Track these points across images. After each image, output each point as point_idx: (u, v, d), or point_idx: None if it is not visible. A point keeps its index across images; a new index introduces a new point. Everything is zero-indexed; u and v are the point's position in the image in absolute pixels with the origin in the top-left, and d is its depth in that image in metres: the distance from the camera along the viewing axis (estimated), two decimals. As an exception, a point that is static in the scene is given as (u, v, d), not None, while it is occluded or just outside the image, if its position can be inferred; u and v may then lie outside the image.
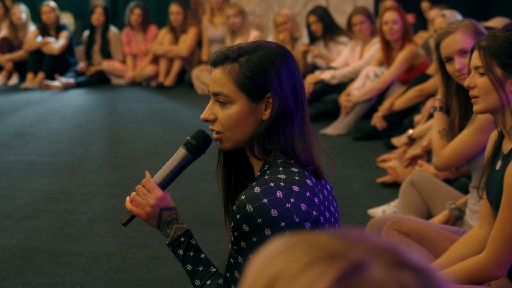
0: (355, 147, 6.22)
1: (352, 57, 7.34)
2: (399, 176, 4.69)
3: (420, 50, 6.53)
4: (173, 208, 2.04)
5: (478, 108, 2.59)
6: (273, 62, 1.84)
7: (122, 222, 2.11)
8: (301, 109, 1.88)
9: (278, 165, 1.85)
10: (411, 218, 3.15)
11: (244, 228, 1.76)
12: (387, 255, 0.75)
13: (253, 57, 1.85)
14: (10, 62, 10.42)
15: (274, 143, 1.86)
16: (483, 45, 2.55)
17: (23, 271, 3.73)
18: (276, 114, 1.85)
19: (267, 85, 1.84)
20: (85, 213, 4.63)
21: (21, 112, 8.33)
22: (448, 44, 3.38)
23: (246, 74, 1.85)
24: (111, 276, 3.64)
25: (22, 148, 6.56)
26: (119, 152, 6.41)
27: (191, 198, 4.81)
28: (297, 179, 1.82)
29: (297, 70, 1.89)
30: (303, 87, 1.90)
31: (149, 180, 2.05)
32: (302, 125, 1.89)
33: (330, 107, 7.27)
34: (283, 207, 1.75)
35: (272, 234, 1.74)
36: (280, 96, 1.84)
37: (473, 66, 2.58)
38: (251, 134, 1.89)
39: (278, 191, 1.76)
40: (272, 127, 1.86)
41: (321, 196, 1.87)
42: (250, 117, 1.87)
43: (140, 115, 8.03)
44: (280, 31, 8.41)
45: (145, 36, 10.08)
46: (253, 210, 1.74)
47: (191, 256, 1.98)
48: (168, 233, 2.02)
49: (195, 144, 2.01)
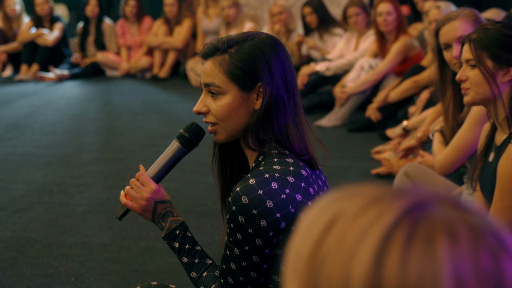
0: (349, 139, 6.23)
1: (347, 49, 7.34)
2: (393, 167, 4.70)
3: (415, 41, 6.53)
4: (168, 201, 2.04)
5: (468, 100, 2.59)
6: (263, 52, 1.85)
7: (117, 216, 2.10)
8: (293, 98, 1.88)
9: (273, 156, 1.84)
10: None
11: (240, 220, 1.76)
12: (446, 200, 0.75)
13: (243, 47, 1.86)
14: (4, 54, 10.39)
15: (268, 133, 1.86)
16: (473, 38, 2.56)
17: (17, 263, 3.73)
18: (268, 103, 1.85)
19: (258, 74, 1.84)
20: (79, 205, 4.63)
21: (15, 104, 8.32)
22: (448, 30, 3.41)
23: (236, 64, 1.85)
24: (105, 267, 3.64)
25: (16, 140, 6.55)
26: (114, 144, 6.40)
27: (185, 189, 4.81)
28: (292, 169, 1.81)
29: (288, 60, 1.89)
30: (294, 77, 1.90)
31: (143, 174, 2.05)
32: (295, 115, 1.89)
33: (324, 98, 7.26)
34: (278, 198, 1.75)
35: (268, 225, 1.74)
36: (271, 86, 1.84)
37: (464, 59, 2.59)
38: (244, 125, 1.89)
39: (273, 182, 1.76)
40: (264, 116, 1.86)
41: (315, 186, 1.87)
42: (242, 107, 1.87)
43: (134, 107, 8.02)
44: (275, 22, 8.40)
45: (140, 28, 10.06)
46: (248, 201, 1.74)
47: (187, 248, 1.98)
48: (163, 226, 2.02)
49: (188, 136, 2.01)
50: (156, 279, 3.43)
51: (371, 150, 5.63)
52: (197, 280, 1.97)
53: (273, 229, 1.76)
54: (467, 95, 2.59)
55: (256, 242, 1.77)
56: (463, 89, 2.59)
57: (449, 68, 3.42)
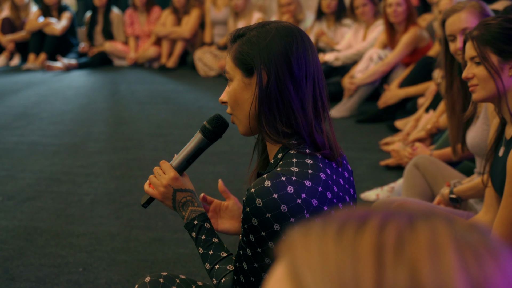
0: (358, 130, 6.21)
1: (355, 40, 7.31)
2: (402, 159, 4.68)
3: (424, 32, 6.50)
4: (189, 190, 2.04)
5: (477, 97, 2.57)
6: (265, 38, 1.82)
7: (141, 204, 2.13)
8: (306, 87, 1.82)
9: (292, 156, 1.80)
10: (415, 200, 3.14)
11: (253, 222, 1.73)
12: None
13: (250, 33, 1.85)
14: (12, 43, 10.39)
15: (277, 121, 1.82)
16: (475, 35, 2.54)
17: (25, 252, 3.72)
18: (267, 90, 1.81)
19: (254, 59, 1.82)
20: (87, 194, 4.62)
21: (23, 93, 8.32)
22: (453, 22, 3.40)
23: (238, 49, 1.85)
24: (113, 257, 3.63)
25: (24, 129, 6.55)
26: (122, 134, 6.39)
27: (193, 180, 4.75)
28: (310, 172, 1.77)
29: (301, 49, 1.83)
30: (310, 66, 1.83)
31: (165, 162, 2.07)
32: (311, 105, 1.83)
33: (333, 89, 7.23)
34: (294, 203, 1.71)
35: (281, 229, 1.72)
36: (268, 72, 1.80)
37: (468, 57, 2.57)
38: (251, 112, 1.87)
39: (289, 186, 1.72)
40: (265, 104, 1.82)
41: (335, 188, 1.83)
42: (246, 93, 1.85)
43: (142, 97, 8.01)
44: (283, 12, 8.38)
45: (149, 18, 10.04)
46: (263, 204, 1.71)
47: (203, 239, 1.98)
48: (183, 215, 2.03)
49: (211, 128, 2.02)
50: (164, 269, 3.43)
51: (379, 142, 5.61)
52: (210, 271, 1.96)
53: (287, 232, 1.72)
54: (475, 92, 2.57)
55: (269, 245, 1.75)
56: (470, 87, 2.57)
57: (457, 61, 3.40)
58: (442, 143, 4.17)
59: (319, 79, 1.85)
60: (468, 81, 2.57)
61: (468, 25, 3.32)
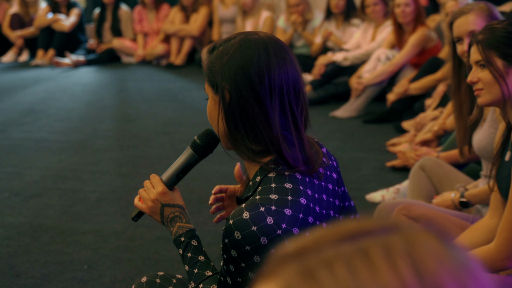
0: (365, 130, 6.20)
1: (364, 40, 7.30)
2: (408, 160, 4.67)
3: (432, 33, 6.49)
4: (177, 205, 2.00)
5: (482, 101, 2.57)
6: (227, 52, 1.75)
7: (131, 217, 2.11)
8: (271, 103, 1.74)
9: (271, 180, 1.75)
10: (420, 203, 3.14)
11: (233, 254, 1.70)
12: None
13: (218, 49, 1.79)
14: (20, 39, 10.42)
15: (244, 140, 1.76)
16: (480, 39, 2.53)
17: (30, 249, 3.73)
18: (229, 107, 1.75)
19: (216, 76, 1.76)
20: (93, 192, 4.63)
21: (31, 89, 8.33)
22: (460, 24, 3.40)
23: (207, 65, 1.80)
24: (118, 255, 3.64)
25: (31, 125, 6.56)
26: (128, 131, 6.40)
27: (200, 178, 4.80)
28: (290, 199, 1.72)
29: (266, 60, 1.74)
30: (278, 79, 1.74)
31: (155, 176, 2.03)
32: (277, 120, 1.74)
33: (340, 89, 7.23)
34: (274, 234, 1.68)
35: (261, 260, 1.68)
36: (230, 89, 1.74)
37: (473, 61, 2.56)
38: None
39: (268, 217, 1.68)
40: (230, 121, 1.76)
41: (317, 208, 1.79)
42: (216, 110, 1.79)
43: (150, 94, 8.02)
44: (292, 12, 8.38)
45: (157, 15, 10.05)
46: (241, 237, 1.67)
47: (189, 257, 1.93)
48: (171, 230, 1.99)
49: (200, 144, 1.98)
50: (169, 268, 3.43)
51: (386, 142, 5.60)
52: None
53: None
54: (481, 96, 2.56)
55: (249, 275, 1.72)
56: (476, 91, 2.57)
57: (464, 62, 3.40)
58: (449, 145, 4.16)
59: (289, 91, 1.76)
60: (473, 85, 2.56)
61: (476, 27, 3.32)
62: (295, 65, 1.80)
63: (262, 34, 1.80)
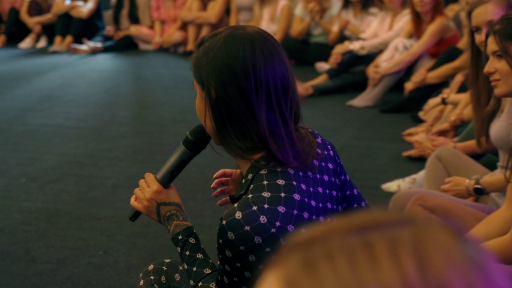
0: (382, 120, 6.18)
1: (381, 29, 7.27)
2: (425, 150, 4.65)
3: (451, 23, 6.45)
4: (173, 203, 1.97)
5: (499, 92, 2.55)
6: (213, 48, 1.72)
7: (129, 217, 2.09)
8: (254, 98, 1.71)
9: (263, 177, 1.73)
10: (436, 193, 3.13)
11: (227, 254, 1.69)
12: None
13: (205, 44, 1.76)
14: (38, 25, 10.45)
15: (231, 135, 1.74)
16: (497, 29, 2.52)
17: (47, 234, 3.76)
18: (214, 104, 1.73)
19: (202, 72, 1.74)
20: (109, 178, 4.65)
21: (49, 75, 8.36)
22: (479, 13, 3.37)
23: (194, 61, 1.77)
24: (134, 241, 3.66)
25: (49, 111, 6.59)
26: (145, 118, 6.42)
27: (215, 165, 4.79)
28: (283, 196, 1.70)
29: (251, 56, 1.71)
30: (265, 74, 1.71)
31: (149, 174, 2.01)
32: (263, 116, 1.72)
33: (358, 78, 7.21)
34: (268, 233, 1.66)
35: (257, 259, 1.67)
36: (215, 85, 1.71)
37: (490, 52, 2.54)
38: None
39: (261, 216, 1.66)
40: (217, 118, 1.74)
41: (313, 203, 1.76)
42: (203, 107, 1.77)
43: (166, 81, 8.03)
44: (310, 1, 8.35)
45: (175, 2, 10.04)
46: (235, 238, 1.65)
47: (187, 255, 1.92)
48: (169, 229, 1.97)
49: (193, 140, 1.94)
50: (184, 255, 3.44)
51: (403, 132, 5.58)
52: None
53: (263, 261, 1.67)
54: (497, 87, 2.54)
55: (245, 274, 1.71)
56: (493, 81, 2.55)
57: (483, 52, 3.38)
58: (465, 135, 4.14)
59: (277, 87, 1.73)
60: (490, 75, 2.55)
61: (494, 17, 3.29)
62: (283, 60, 1.76)
63: (249, 29, 1.76)
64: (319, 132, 1.96)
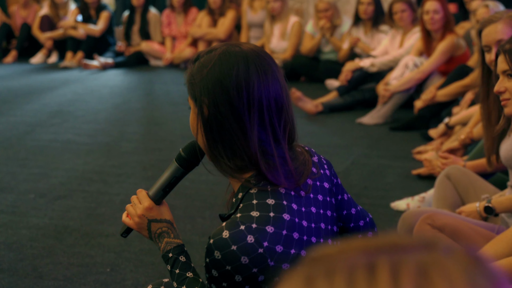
0: (391, 138, 6.17)
1: (392, 46, 7.27)
2: (434, 168, 4.63)
3: (461, 41, 6.44)
4: (165, 220, 1.96)
5: (509, 111, 2.54)
6: (207, 65, 1.72)
7: (120, 233, 2.07)
8: (246, 117, 1.70)
9: (252, 196, 1.71)
10: (445, 212, 3.11)
11: (214, 273, 1.67)
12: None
13: (200, 60, 1.76)
14: (50, 40, 10.50)
15: (221, 154, 1.73)
16: (507, 48, 2.51)
17: (54, 251, 3.75)
18: (207, 121, 1.72)
19: (195, 89, 1.73)
20: (118, 195, 4.64)
21: (59, 90, 8.39)
22: (489, 33, 3.37)
23: (188, 77, 1.77)
24: (141, 259, 3.65)
25: (58, 126, 6.60)
26: (155, 134, 6.42)
27: (224, 183, 4.76)
28: (272, 216, 1.68)
29: (245, 74, 1.70)
30: (258, 93, 1.70)
31: (141, 190, 2.00)
32: (255, 135, 1.71)
33: (367, 95, 7.20)
34: (255, 253, 1.64)
35: (244, 279, 1.65)
36: (208, 102, 1.71)
37: (500, 71, 2.54)
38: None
39: (249, 235, 1.64)
40: (208, 136, 1.74)
41: (304, 223, 1.74)
42: (195, 123, 1.77)
43: (177, 98, 8.04)
44: (320, 18, 8.37)
45: (186, 19, 10.08)
46: (221, 257, 1.64)
47: (177, 273, 1.90)
48: (159, 246, 1.96)
49: (185, 156, 1.93)
50: (191, 273, 3.42)
51: (412, 150, 5.56)
52: None
53: (249, 282, 1.66)
54: (507, 106, 2.54)
55: None
56: (503, 101, 2.54)
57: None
58: (475, 154, 4.12)
59: (270, 106, 1.71)
60: (500, 95, 2.54)
61: (504, 36, 3.29)
62: (278, 79, 1.74)
63: (244, 46, 1.74)
64: (329, 149, 1.95)
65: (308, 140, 5.34)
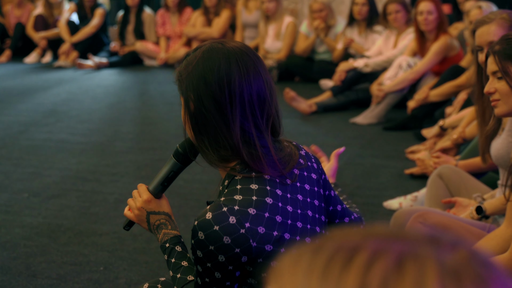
0: (384, 137, 6.19)
1: (386, 47, 7.29)
2: (427, 168, 4.65)
3: (455, 41, 6.46)
4: (163, 213, 2.05)
5: (499, 111, 2.56)
6: (192, 62, 1.81)
7: (123, 227, 2.16)
8: (229, 110, 1.77)
9: (237, 182, 1.80)
10: (437, 211, 3.13)
11: (198, 254, 1.74)
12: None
13: (188, 58, 1.85)
14: (44, 40, 10.49)
15: (207, 146, 1.82)
16: (497, 49, 2.53)
17: (48, 249, 3.76)
18: (192, 115, 1.81)
19: (182, 85, 1.83)
20: (112, 194, 4.65)
21: (53, 90, 8.39)
22: (481, 33, 3.39)
23: (177, 74, 1.86)
24: (135, 257, 3.66)
25: (53, 126, 6.61)
26: (149, 134, 6.43)
27: (217, 182, 4.81)
28: (255, 199, 1.76)
29: (226, 69, 1.77)
30: (240, 87, 1.77)
31: (142, 185, 2.08)
32: (238, 127, 1.78)
33: (361, 95, 7.22)
34: (237, 234, 1.71)
35: (227, 260, 1.72)
36: (193, 97, 1.80)
37: (490, 72, 2.56)
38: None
39: (231, 216, 1.72)
40: (195, 129, 1.82)
41: (289, 208, 1.81)
42: (184, 117, 1.87)
43: (171, 97, 8.05)
44: (315, 18, 8.38)
45: (180, 18, 10.09)
46: (205, 237, 1.70)
47: (173, 262, 1.97)
48: (158, 237, 2.04)
49: (182, 152, 2.01)
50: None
51: (405, 150, 5.58)
52: None
53: (233, 263, 1.73)
54: (497, 106, 2.55)
55: (216, 275, 1.75)
56: (492, 101, 2.56)
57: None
58: (467, 153, 4.14)
59: (252, 101, 1.79)
60: (490, 95, 2.56)
61: (496, 38, 3.30)
62: (261, 74, 1.81)
63: (228, 44, 1.83)
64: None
65: (302, 140, 5.34)
